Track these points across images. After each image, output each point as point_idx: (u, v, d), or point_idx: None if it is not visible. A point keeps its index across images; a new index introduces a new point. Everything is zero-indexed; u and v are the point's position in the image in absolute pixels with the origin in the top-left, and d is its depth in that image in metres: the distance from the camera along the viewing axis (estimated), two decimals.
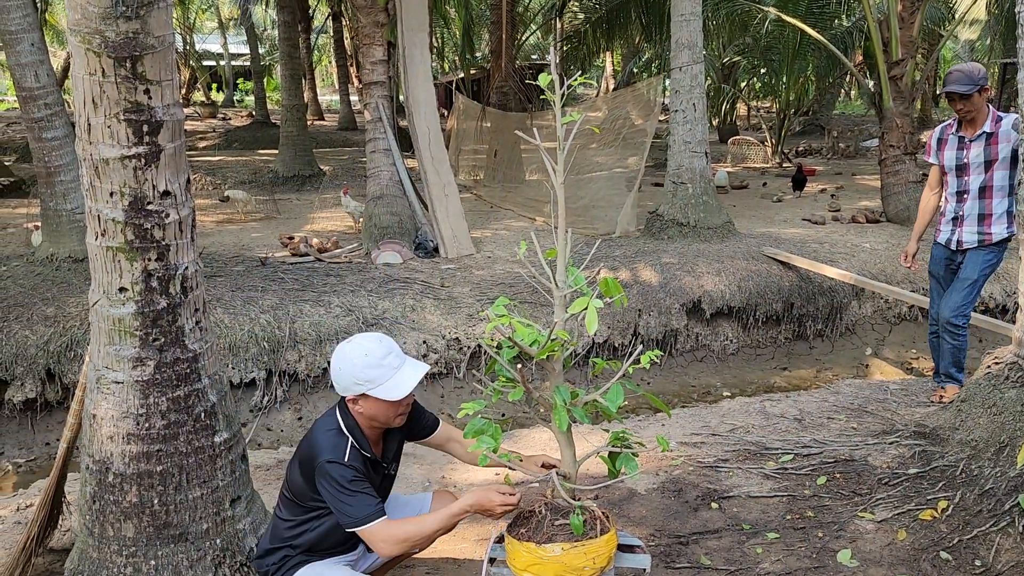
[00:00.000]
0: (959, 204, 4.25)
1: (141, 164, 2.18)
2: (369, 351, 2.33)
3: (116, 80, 2.09)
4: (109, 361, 2.32)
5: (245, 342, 6.05)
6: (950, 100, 4.10)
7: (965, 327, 4.25)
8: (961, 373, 4.40)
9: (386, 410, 2.36)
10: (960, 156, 4.19)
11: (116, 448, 2.33)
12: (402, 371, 2.37)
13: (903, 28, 9.11)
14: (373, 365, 2.30)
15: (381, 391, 2.31)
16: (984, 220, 4.18)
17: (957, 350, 4.31)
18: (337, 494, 2.27)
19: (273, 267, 7.29)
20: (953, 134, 4.24)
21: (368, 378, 2.30)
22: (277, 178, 13.27)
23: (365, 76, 8.41)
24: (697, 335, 7.16)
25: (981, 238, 4.20)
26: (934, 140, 4.36)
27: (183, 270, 2.32)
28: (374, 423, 2.40)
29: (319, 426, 2.41)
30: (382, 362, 2.32)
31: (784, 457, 3.71)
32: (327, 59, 38.28)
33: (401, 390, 2.33)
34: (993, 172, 4.11)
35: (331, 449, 2.31)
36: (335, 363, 2.35)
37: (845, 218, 9.77)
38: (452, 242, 7.98)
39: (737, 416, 4.34)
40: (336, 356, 2.35)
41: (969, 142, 4.14)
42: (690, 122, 8.06)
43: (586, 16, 15.48)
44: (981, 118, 4.11)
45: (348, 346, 2.36)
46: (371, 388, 2.31)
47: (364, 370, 2.30)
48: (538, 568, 2.15)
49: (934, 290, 4.53)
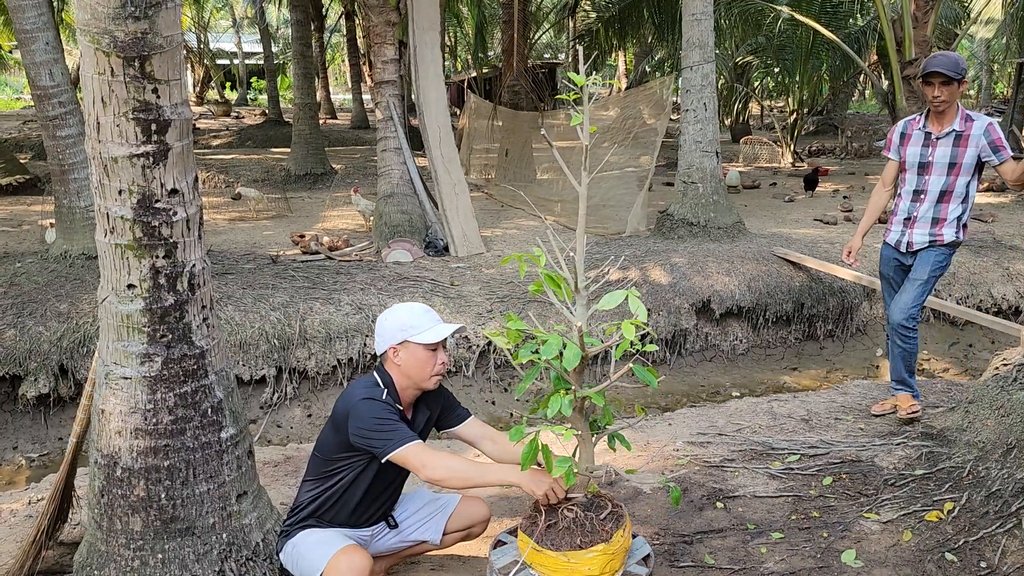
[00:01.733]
0: (914, 204, 3.99)
1: (149, 162, 2.21)
2: (413, 308, 2.63)
3: (125, 79, 2.12)
4: (117, 357, 2.35)
5: (256, 339, 6.09)
6: (927, 84, 3.75)
7: (915, 329, 4.01)
8: (913, 378, 4.18)
9: (423, 363, 2.54)
10: (924, 154, 3.92)
11: (124, 443, 2.36)
12: (439, 325, 2.61)
13: (917, 27, 9.06)
14: (417, 315, 2.59)
15: (422, 336, 2.52)
16: (937, 223, 3.95)
17: (908, 354, 4.05)
18: (374, 425, 2.41)
19: (284, 265, 7.34)
20: (919, 129, 3.95)
21: (411, 324, 2.54)
22: (289, 176, 13.34)
23: (376, 75, 8.44)
24: (706, 335, 7.15)
25: (932, 239, 3.97)
26: (896, 134, 4.08)
27: (190, 267, 2.35)
28: (410, 380, 2.56)
29: (354, 384, 2.60)
30: (424, 315, 2.60)
31: (790, 457, 3.71)
32: (340, 58, 38.43)
33: (439, 333, 2.55)
34: (957, 177, 3.87)
35: (366, 391, 2.50)
36: (382, 321, 2.59)
37: (858, 219, 9.71)
38: (462, 241, 8.01)
39: (744, 416, 4.33)
40: (382, 316, 2.62)
41: (936, 139, 3.87)
42: (701, 121, 8.05)
43: (598, 15, 15.47)
44: (951, 114, 3.83)
45: (393, 307, 2.66)
46: (413, 334, 2.53)
47: (409, 317, 2.56)
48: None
49: (886, 292, 4.31)
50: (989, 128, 3.80)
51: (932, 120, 3.92)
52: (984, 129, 3.80)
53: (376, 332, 2.62)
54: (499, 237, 8.88)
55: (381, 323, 2.60)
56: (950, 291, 7.55)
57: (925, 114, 3.96)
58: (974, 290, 7.67)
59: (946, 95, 3.74)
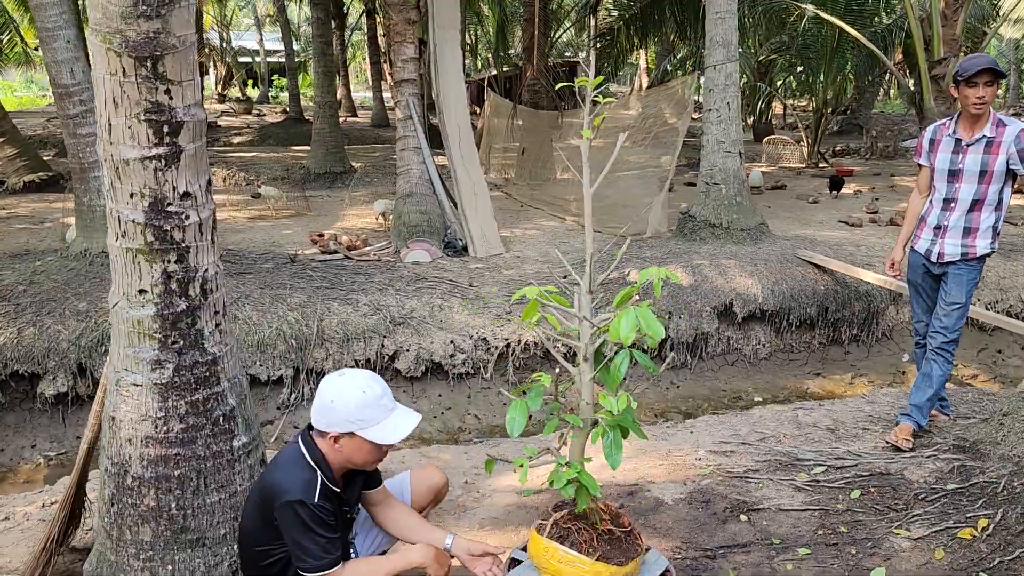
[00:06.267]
0: (944, 212, 3.84)
1: (161, 165, 2.15)
2: (367, 388, 2.23)
3: (137, 80, 2.06)
4: (128, 363, 2.31)
5: (273, 340, 6.06)
6: (970, 85, 3.59)
7: (953, 353, 3.87)
8: (947, 403, 4.08)
9: (369, 453, 2.26)
10: (955, 160, 3.76)
11: (134, 451, 2.31)
12: (396, 414, 2.29)
13: (946, 26, 8.87)
14: (370, 404, 2.21)
15: (373, 432, 2.22)
16: (969, 234, 3.78)
17: (943, 379, 3.86)
18: (300, 536, 2.16)
19: (302, 265, 7.31)
20: (949, 135, 3.79)
21: (362, 417, 2.20)
22: (309, 175, 13.34)
23: (396, 74, 8.39)
24: (728, 339, 7.04)
25: (964, 251, 3.80)
26: (926, 140, 3.92)
27: (203, 272, 2.30)
28: (348, 464, 2.30)
29: (282, 461, 2.29)
30: (379, 402, 2.24)
31: (816, 468, 3.61)
32: (361, 56, 38.49)
33: (396, 434, 2.25)
34: (989, 185, 3.70)
35: (300, 487, 2.18)
36: (326, 395, 2.22)
37: (883, 220, 9.56)
38: (481, 241, 7.94)
39: (768, 424, 4.23)
40: (327, 388, 2.23)
41: (966, 145, 3.72)
42: (724, 121, 7.93)
43: (620, 13, 15.35)
44: (983, 118, 3.67)
45: (342, 379, 2.26)
46: (362, 428, 2.21)
47: (360, 408, 2.20)
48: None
49: (914, 299, 4.15)
50: (1021, 135, 3.63)
51: (962, 125, 3.77)
52: (1016, 136, 3.64)
53: (317, 407, 2.23)
54: (518, 238, 8.81)
55: (327, 400, 2.21)
56: (979, 295, 7.38)
57: (955, 119, 3.81)
58: (1004, 295, 7.50)
59: (988, 96, 3.62)
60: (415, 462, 3.91)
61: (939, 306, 3.88)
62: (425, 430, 6.07)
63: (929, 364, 3.88)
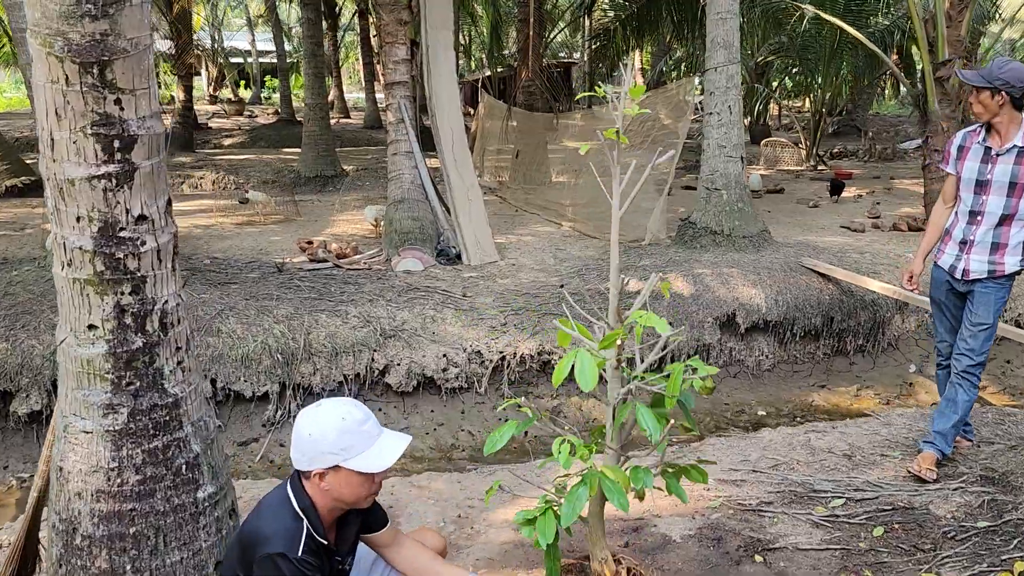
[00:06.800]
0: (970, 226, 3.58)
1: (112, 185, 1.90)
2: (346, 415, 2.02)
3: (82, 89, 1.81)
4: (77, 407, 2.05)
5: (258, 354, 5.82)
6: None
7: (980, 376, 3.64)
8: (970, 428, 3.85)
9: (359, 486, 2.04)
10: (983, 170, 3.51)
11: (84, 506, 2.06)
12: (382, 439, 2.07)
13: (950, 27, 8.65)
14: (351, 430, 2.00)
15: (360, 461, 2.00)
16: (998, 249, 3.53)
17: (969, 404, 3.62)
18: None
19: (289, 274, 7.05)
20: (978, 143, 3.55)
21: (345, 445, 1.99)
22: (299, 179, 13.08)
23: (387, 76, 8.14)
24: (731, 350, 6.81)
25: (992, 268, 3.55)
26: (954, 147, 3.67)
27: (162, 304, 2.04)
28: (339, 504, 2.08)
29: (267, 507, 2.07)
30: (362, 427, 2.02)
31: (835, 501, 3.37)
32: (354, 56, 38.19)
33: (385, 459, 2.03)
34: (1020, 199, 3.45)
35: (282, 538, 1.97)
36: (303, 429, 2.01)
37: (886, 226, 9.35)
38: (475, 249, 7.69)
39: (780, 449, 3.99)
40: (303, 422, 2.02)
41: (996, 155, 3.47)
42: (725, 125, 7.69)
43: (616, 13, 15.11)
44: (1009, 127, 3.44)
45: (318, 410, 2.04)
46: (347, 458, 1.99)
47: (341, 436, 1.99)
48: None
49: (937, 318, 3.90)
50: None
51: (992, 134, 3.52)
52: None
53: (296, 444, 2.02)
54: (513, 244, 8.56)
55: (304, 435, 2.01)
56: None
57: (985, 126, 3.55)
58: (1012, 303, 7.29)
59: (977, 105, 3.45)
60: (405, 492, 3.67)
61: (964, 326, 3.62)
62: (417, 448, 5.82)
63: (954, 388, 3.62)
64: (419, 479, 3.84)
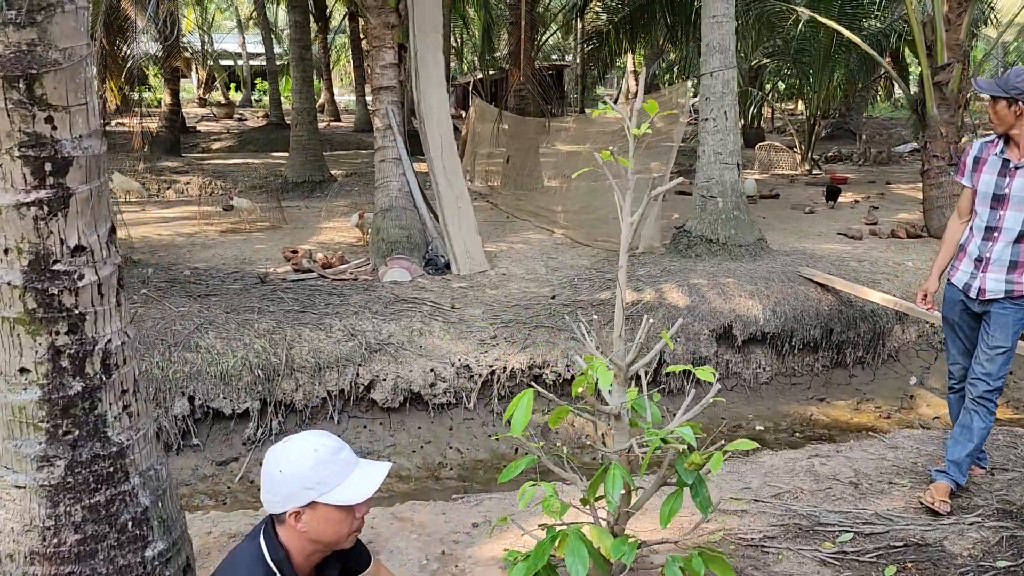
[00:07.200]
0: (986, 243, 3.39)
1: (43, 213, 1.69)
2: (319, 446, 1.84)
3: (7, 106, 1.60)
4: (8, 460, 1.84)
5: (238, 369, 5.62)
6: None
7: (996, 402, 3.43)
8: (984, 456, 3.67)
9: (339, 523, 1.85)
10: (1000, 184, 3.31)
11: (16, 570, 1.85)
12: (361, 467, 1.89)
13: (949, 30, 8.51)
14: (326, 461, 1.82)
15: (338, 494, 1.82)
16: (1016, 268, 3.33)
17: (985, 432, 3.43)
18: None
19: (272, 285, 6.83)
20: (996, 154, 3.36)
21: (321, 478, 1.81)
22: (286, 184, 12.84)
23: (374, 80, 7.92)
24: (727, 362, 6.62)
25: (1009, 288, 3.34)
26: (970, 158, 3.49)
27: (104, 344, 1.83)
28: (318, 547, 1.89)
29: (236, 565, 1.87)
30: (337, 457, 1.85)
31: (843, 536, 3.17)
32: (345, 59, 37.93)
33: (365, 488, 1.85)
34: None
35: None
36: (273, 466, 1.83)
37: (884, 232, 9.18)
38: (464, 258, 7.48)
39: (782, 476, 3.80)
40: (272, 459, 1.85)
41: (1014, 168, 3.28)
42: (721, 131, 7.50)
43: (608, 16, 14.93)
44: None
45: (287, 445, 1.87)
46: (323, 493, 1.81)
47: (316, 468, 1.81)
48: None
49: (950, 339, 3.69)
50: None
51: (1011, 145, 3.32)
52: None
53: (265, 485, 1.85)
54: (504, 252, 8.36)
55: (274, 472, 1.83)
56: None
57: (1004, 137, 3.34)
58: None
59: (994, 116, 3.29)
60: (386, 526, 3.46)
61: (980, 350, 3.41)
62: (403, 467, 5.61)
63: (969, 415, 3.42)
64: (401, 510, 3.63)
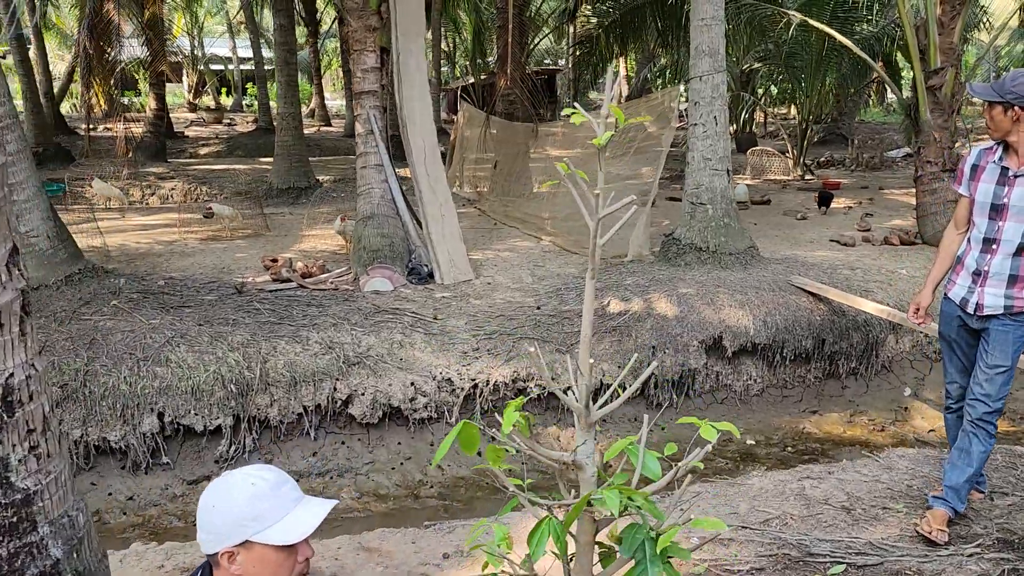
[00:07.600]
0: (984, 255, 3.22)
1: None
2: (256, 480, 1.71)
3: None
4: None
5: (210, 384, 5.43)
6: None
7: (996, 424, 3.26)
8: (983, 479, 3.50)
9: (277, 566, 1.69)
10: (999, 193, 3.14)
11: None
12: (302, 505, 1.73)
13: (943, 34, 8.36)
14: (263, 495, 1.68)
15: (275, 532, 1.67)
16: (1016, 282, 3.15)
17: (984, 455, 3.25)
18: None
19: (249, 296, 6.62)
20: (994, 162, 3.19)
21: (256, 514, 1.67)
22: (271, 190, 12.62)
23: (356, 85, 7.74)
24: (717, 374, 6.45)
25: (1009, 303, 3.17)
26: (967, 166, 3.31)
27: (5, 379, 1.63)
28: None
29: None
30: (276, 492, 1.71)
31: (834, 568, 2.99)
32: (336, 63, 37.75)
33: (304, 526, 1.69)
34: None
35: None
36: (207, 500, 1.70)
37: (877, 239, 9.02)
38: (448, 267, 7.29)
39: (771, 500, 3.61)
40: (207, 495, 1.71)
41: (1014, 176, 3.12)
42: (711, 137, 7.33)
43: (599, 20, 14.78)
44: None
45: (223, 479, 1.73)
46: (259, 530, 1.66)
47: (252, 502, 1.67)
48: None
49: (947, 356, 3.50)
50: None
51: (1011, 152, 3.14)
52: None
53: (200, 523, 1.71)
54: (490, 261, 8.17)
55: (207, 510, 1.70)
56: None
57: (1003, 144, 3.16)
58: None
59: (989, 120, 3.15)
60: (352, 557, 3.26)
61: (979, 369, 3.22)
62: (382, 485, 5.42)
63: (967, 438, 3.23)
64: (370, 538, 3.43)
